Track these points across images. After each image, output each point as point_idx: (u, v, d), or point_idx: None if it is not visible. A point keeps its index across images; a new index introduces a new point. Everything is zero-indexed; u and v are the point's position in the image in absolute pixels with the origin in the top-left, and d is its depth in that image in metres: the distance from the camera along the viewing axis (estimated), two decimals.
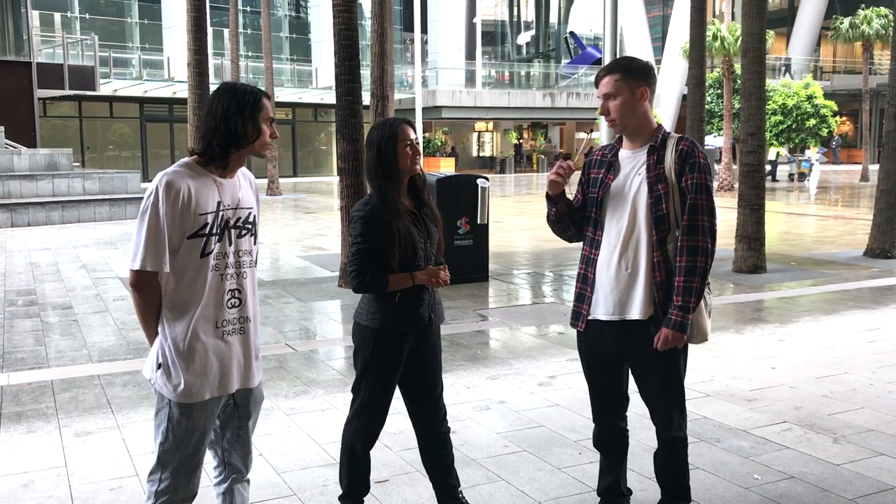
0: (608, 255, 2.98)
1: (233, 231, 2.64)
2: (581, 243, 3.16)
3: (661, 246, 2.91)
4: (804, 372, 5.67)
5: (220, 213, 2.60)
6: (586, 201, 3.14)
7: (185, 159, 2.63)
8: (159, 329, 2.60)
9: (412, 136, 3.11)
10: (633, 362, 3.07)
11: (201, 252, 2.56)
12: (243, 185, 2.73)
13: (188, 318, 2.56)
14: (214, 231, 2.58)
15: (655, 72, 3.05)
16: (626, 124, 2.97)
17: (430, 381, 3.30)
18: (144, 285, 2.54)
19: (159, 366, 2.59)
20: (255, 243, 2.75)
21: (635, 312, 2.93)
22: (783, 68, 39.72)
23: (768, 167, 30.65)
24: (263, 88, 21.89)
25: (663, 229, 2.90)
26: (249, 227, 2.72)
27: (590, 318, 3.04)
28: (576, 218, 3.16)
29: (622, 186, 2.98)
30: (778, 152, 30.61)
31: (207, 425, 2.64)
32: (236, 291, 2.66)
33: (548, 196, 3.10)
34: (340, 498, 3.37)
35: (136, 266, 2.50)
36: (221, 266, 2.61)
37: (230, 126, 2.57)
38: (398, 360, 3.19)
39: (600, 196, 3.02)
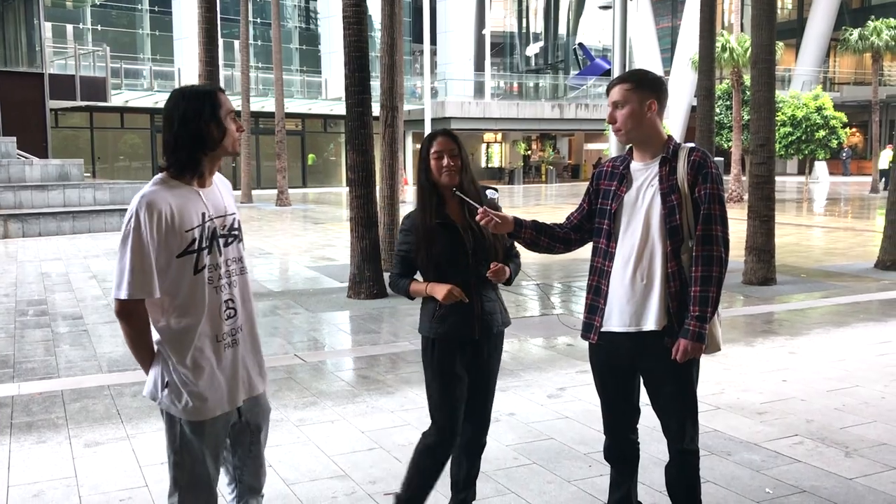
0: (622, 266, 2.97)
1: (221, 240, 2.57)
2: (590, 255, 3.16)
3: (676, 256, 2.91)
4: (815, 385, 5.64)
5: (206, 225, 2.52)
6: (591, 211, 3.15)
7: (159, 175, 2.53)
8: (160, 349, 2.53)
9: (443, 147, 3.15)
10: (647, 374, 3.06)
11: (194, 269, 2.48)
12: (222, 190, 2.66)
13: (190, 335, 2.50)
14: (203, 245, 2.50)
15: (666, 86, 3.06)
16: (632, 135, 2.98)
17: (480, 396, 3.32)
18: (131, 313, 2.45)
19: (166, 385, 2.52)
20: (243, 249, 2.68)
21: (651, 323, 2.93)
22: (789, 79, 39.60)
23: (880, 176, 30.01)
24: (275, 98, 21.82)
25: (677, 240, 2.90)
26: (235, 233, 2.65)
27: (602, 329, 3.03)
28: (556, 234, 3.20)
29: (635, 198, 2.98)
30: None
31: (220, 440, 2.61)
32: (230, 301, 2.59)
33: (508, 235, 3.15)
34: (396, 497, 3.38)
35: (123, 295, 2.40)
36: (215, 278, 2.54)
37: (191, 130, 2.47)
38: (448, 368, 3.21)
39: (613, 208, 3.02)
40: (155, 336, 2.54)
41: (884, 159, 29.58)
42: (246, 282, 2.69)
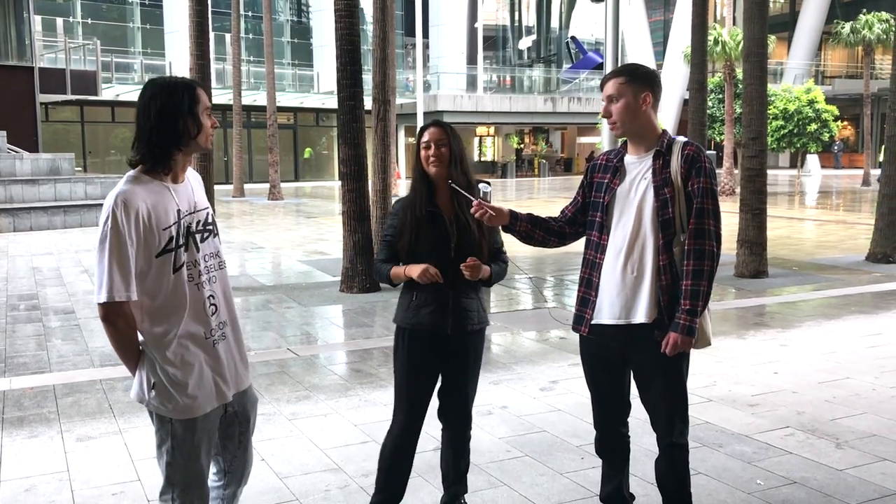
0: (614, 259, 2.98)
1: (197, 236, 2.54)
2: (583, 248, 3.17)
3: (667, 250, 2.91)
4: (806, 377, 5.66)
5: (181, 222, 2.48)
6: (585, 205, 3.15)
7: (132, 172, 2.47)
8: (145, 349, 2.49)
9: (430, 137, 3.14)
10: (637, 367, 3.07)
11: (173, 267, 2.45)
12: (194, 185, 2.62)
13: (174, 333, 2.46)
14: (180, 242, 2.47)
15: (660, 79, 3.06)
16: (626, 128, 2.98)
17: (458, 392, 3.30)
18: (118, 316, 2.39)
19: (152, 386, 2.47)
20: (219, 243, 2.65)
21: (641, 316, 2.93)
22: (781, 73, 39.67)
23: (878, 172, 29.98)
24: (266, 91, 21.66)
25: (669, 233, 2.91)
26: (210, 227, 2.61)
27: (593, 322, 3.03)
28: (551, 227, 3.19)
29: (628, 191, 2.98)
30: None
31: (211, 436, 2.61)
32: (212, 297, 2.57)
33: (504, 228, 3.14)
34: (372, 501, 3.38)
35: (104, 298, 2.35)
36: (195, 275, 2.51)
37: (168, 126, 2.43)
38: (416, 359, 3.19)
39: (606, 201, 3.02)
40: (139, 337, 2.51)
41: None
42: (225, 276, 2.67)
